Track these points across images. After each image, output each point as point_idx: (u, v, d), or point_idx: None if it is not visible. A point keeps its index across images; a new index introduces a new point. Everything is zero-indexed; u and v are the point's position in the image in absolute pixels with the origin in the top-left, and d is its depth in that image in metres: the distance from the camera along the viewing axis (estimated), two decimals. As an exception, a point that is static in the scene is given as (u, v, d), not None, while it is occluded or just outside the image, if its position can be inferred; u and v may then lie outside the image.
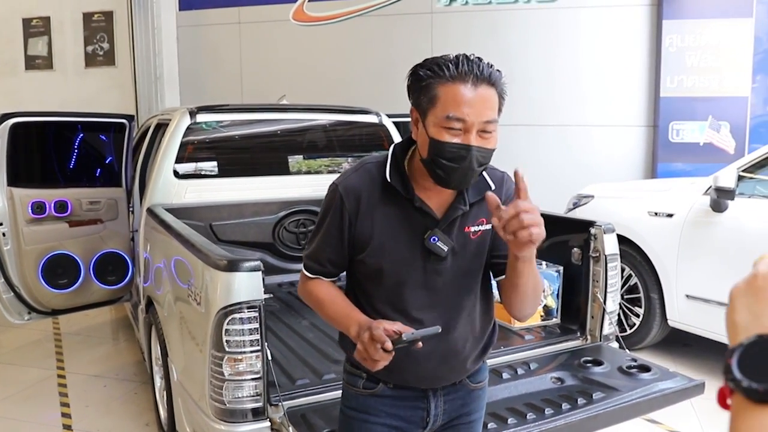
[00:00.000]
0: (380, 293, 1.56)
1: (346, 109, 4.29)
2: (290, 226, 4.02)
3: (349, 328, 1.48)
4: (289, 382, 2.47)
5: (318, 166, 4.23)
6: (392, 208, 1.53)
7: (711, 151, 6.81)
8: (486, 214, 1.57)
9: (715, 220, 4.07)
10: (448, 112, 1.40)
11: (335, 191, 1.55)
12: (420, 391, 1.62)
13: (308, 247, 1.65)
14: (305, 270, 1.65)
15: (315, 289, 1.62)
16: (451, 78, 1.41)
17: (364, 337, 1.38)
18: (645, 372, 2.59)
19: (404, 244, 1.52)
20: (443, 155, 1.42)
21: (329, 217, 1.56)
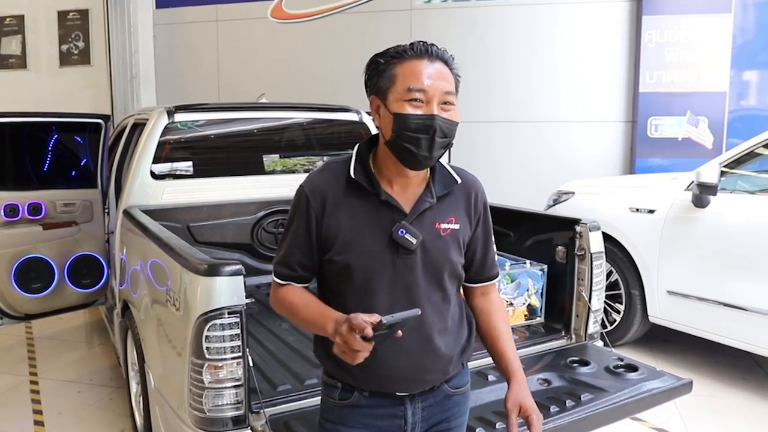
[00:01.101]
0: (351, 292, 1.53)
1: (326, 108, 4.23)
2: (269, 226, 3.96)
3: (325, 326, 1.43)
4: (270, 388, 2.41)
5: (293, 165, 4.17)
6: (358, 204, 1.52)
7: (689, 146, 6.84)
8: (456, 213, 1.59)
9: (696, 216, 4.07)
10: (408, 85, 1.44)
11: (301, 193, 1.55)
12: (396, 398, 1.58)
13: (277, 253, 1.62)
14: (276, 277, 1.62)
15: (287, 295, 1.59)
16: (409, 57, 1.47)
17: (342, 329, 1.34)
18: (632, 372, 2.57)
19: (371, 238, 1.51)
20: (408, 127, 1.44)
21: (296, 220, 1.56)
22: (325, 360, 1.61)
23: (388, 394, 1.57)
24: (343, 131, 4.33)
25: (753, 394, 3.97)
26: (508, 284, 3.09)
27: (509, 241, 3.34)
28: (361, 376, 1.55)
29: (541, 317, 3.16)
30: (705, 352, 4.48)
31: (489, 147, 7.09)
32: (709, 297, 3.99)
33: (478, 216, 1.64)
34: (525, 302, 3.08)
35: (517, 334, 3.00)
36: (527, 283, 3.10)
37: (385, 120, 1.48)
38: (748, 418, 3.67)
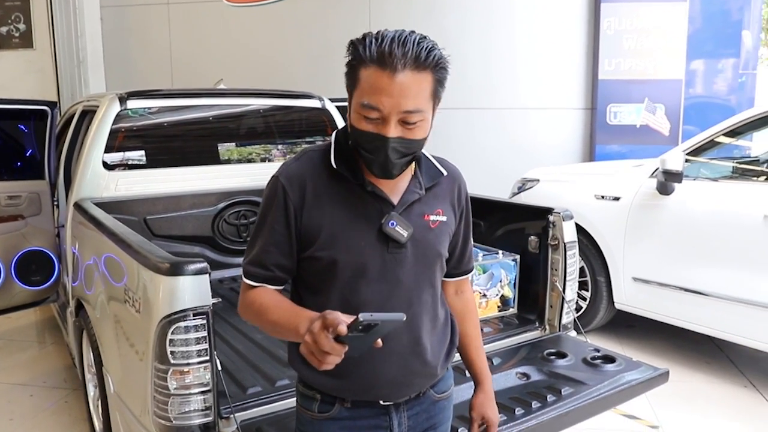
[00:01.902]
0: (334, 291, 1.39)
1: (287, 94, 4.09)
2: (230, 218, 3.80)
3: (298, 327, 1.25)
4: (239, 391, 2.28)
5: (254, 154, 4.01)
6: (341, 195, 1.39)
7: (647, 133, 6.91)
8: (443, 205, 1.49)
9: (661, 203, 4.08)
10: (363, 100, 1.28)
11: (276, 183, 1.40)
12: (381, 407, 1.46)
13: (249, 252, 1.45)
14: (248, 279, 1.44)
15: (258, 297, 1.41)
16: (371, 60, 1.27)
17: (314, 326, 1.16)
18: (610, 363, 2.53)
19: (359, 231, 1.38)
20: (360, 144, 1.33)
21: (272, 213, 1.40)
22: (302, 368, 1.46)
23: (373, 404, 1.46)
24: (306, 118, 4.20)
25: (717, 378, 4.02)
26: (480, 275, 3.02)
27: (480, 231, 3.27)
28: (345, 382, 1.41)
29: (514, 308, 3.10)
30: (668, 337, 4.52)
31: (449, 134, 7.03)
32: (673, 283, 4.02)
33: (461, 209, 1.56)
34: (498, 293, 3.02)
35: (491, 326, 2.94)
36: (500, 274, 3.04)
37: (349, 124, 1.36)
38: (715, 402, 3.71)
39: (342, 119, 4.16)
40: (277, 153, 4.07)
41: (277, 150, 4.08)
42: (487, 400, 1.63)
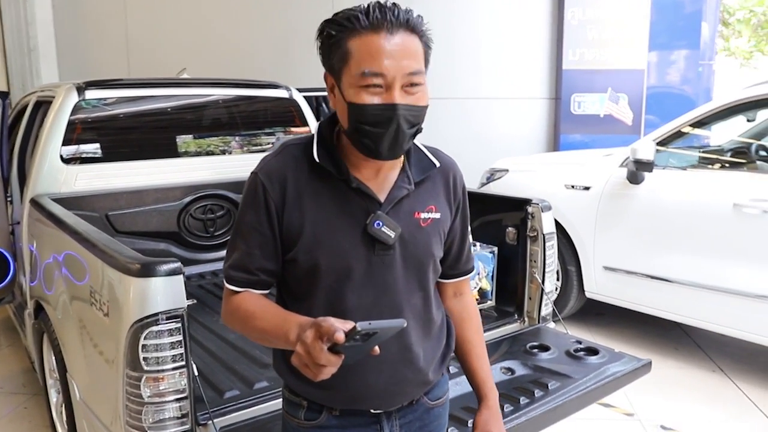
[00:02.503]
0: (318, 297, 1.31)
1: (254, 84, 3.96)
2: (197, 212, 3.67)
3: (288, 333, 1.16)
4: (216, 395, 2.18)
5: (214, 146, 3.87)
6: (324, 192, 1.30)
7: (610, 122, 6.97)
8: (435, 201, 1.39)
9: (631, 193, 4.09)
10: (363, 68, 1.19)
11: (255, 180, 1.31)
12: (371, 416, 1.38)
13: (230, 255, 1.35)
14: (230, 284, 1.34)
15: (243, 303, 1.31)
16: (362, 28, 1.19)
17: (307, 335, 1.07)
18: (593, 355, 2.51)
19: (343, 232, 1.29)
20: (365, 120, 1.21)
21: (252, 213, 1.30)
22: (287, 374, 1.38)
23: (362, 412, 1.38)
24: (273, 109, 4.08)
25: (686, 363, 4.06)
26: (458, 268, 2.96)
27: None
28: (332, 392, 1.33)
29: (492, 301, 3.06)
30: (637, 325, 4.56)
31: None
32: (643, 271, 4.04)
33: (458, 203, 1.45)
34: (476, 286, 2.97)
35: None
36: (477, 266, 2.98)
37: (339, 106, 1.25)
38: (686, 386, 3.75)
39: (311, 110, 4.07)
40: (235, 145, 3.93)
41: (236, 142, 3.96)
42: (492, 418, 1.49)
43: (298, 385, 1.37)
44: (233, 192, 3.71)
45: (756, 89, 3.85)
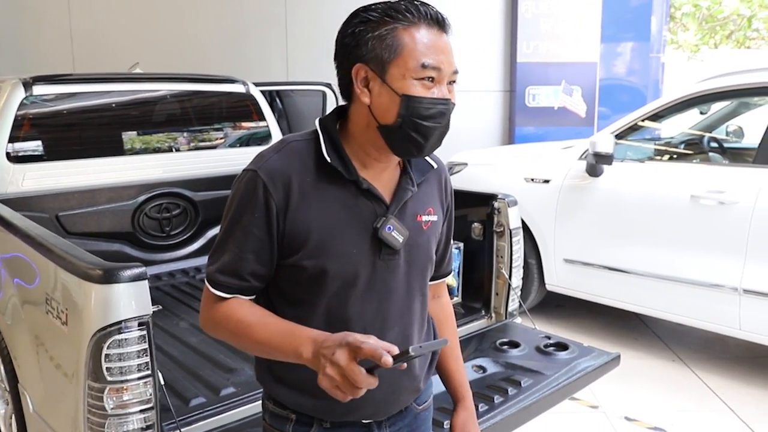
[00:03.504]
0: (319, 303, 1.23)
1: (210, 78, 3.84)
2: (152, 211, 3.54)
3: (298, 349, 1.10)
4: (182, 404, 2.09)
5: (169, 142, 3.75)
6: (331, 194, 1.22)
7: (564, 114, 7.04)
8: (433, 203, 1.36)
9: (591, 185, 4.12)
10: (422, 60, 1.17)
11: (255, 179, 1.19)
12: (362, 425, 1.33)
13: (217, 258, 1.24)
14: (215, 289, 1.24)
15: (234, 312, 1.22)
16: (418, 22, 1.19)
17: (339, 357, 1.01)
18: (563, 350, 2.51)
19: (351, 236, 1.22)
20: (421, 114, 1.18)
21: (248, 214, 1.20)
22: (273, 385, 1.31)
23: (354, 423, 1.32)
24: (230, 104, 3.97)
25: (646, 353, 4.13)
26: (425, 265, 2.93)
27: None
28: (325, 404, 1.23)
29: (458, 297, 3.03)
30: (596, 316, 4.61)
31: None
32: (603, 263, 4.09)
33: (448, 204, 1.43)
34: (443, 283, 2.94)
35: (438, 317, 2.85)
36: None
37: (383, 99, 1.19)
38: (648, 377, 3.81)
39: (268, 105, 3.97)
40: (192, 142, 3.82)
41: (192, 138, 3.84)
42: (470, 419, 1.49)
43: (286, 395, 1.30)
44: (190, 190, 3.60)
45: (709, 83, 3.92)
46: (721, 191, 3.55)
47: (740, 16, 15.43)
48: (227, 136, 3.94)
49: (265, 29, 6.74)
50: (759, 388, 3.63)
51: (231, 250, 1.23)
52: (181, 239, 3.63)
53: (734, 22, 15.72)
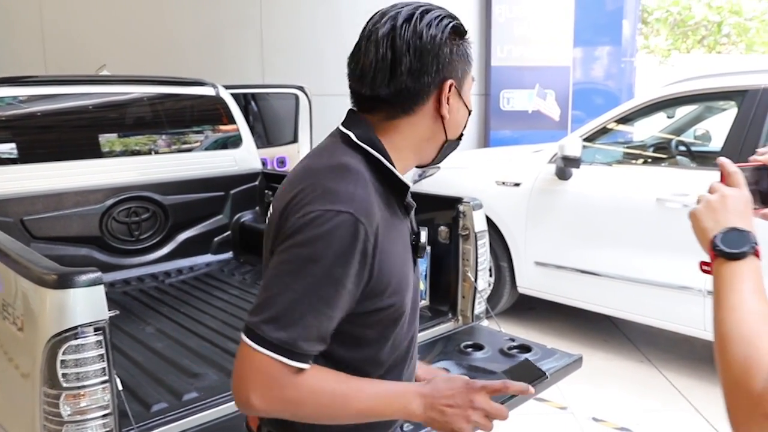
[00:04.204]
0: (387, 341, 1.14)
1: (178, 81, 3.82)
2: (120, 215, 3.51)
3: (408, 408, 1.06)
4: (143, 409, 2.08)
5: (143, 145, 3.73)
6: (392, 221, 1.12)
7: (538, 118, 7.10)
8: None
9: (560, 188, 4.16)
10: (472, 76, 1.23)
11: (355, 225, 1.00)
12: None
13: (292, 322, 0.99)
14: (297, 361, 1.00)
15: (321, 384, 1.04)
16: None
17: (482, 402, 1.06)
18: (526, 352, 2.53)
19: (407, 260, 1.16)
20: (462, 126, 1.24)
21: (345, 267, 1.01)
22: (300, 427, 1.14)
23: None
24: (198, 107, 3.95)
25: (615, 355, 4.17)
26: (392, 269, 2.94)
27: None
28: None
29: (426, 300, 3.04)
30: (567, 318, 4.65)
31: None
32: (573, 266, 4.13)
33: None
34: (410, 286, 2.95)
35: (404, 321, 2.86)
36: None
37: (460, 115, 1.19)
38: (617, 378, 3.85)
39: (239, 108, 3.96)
40: (161, 144, 3.80)
41: (162, 141, 3.82)
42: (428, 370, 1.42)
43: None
44: (159, 194, 3.57)
45: (674, 87, 3.98)
46: (685, 194, 3.60)
47: (710, 22, 15.69)
48: (197, 139, 3.92)
49: (240, 31, 6.72)
50: (724, 388, 3.68)
51: (318, 311, 1.01)
52: (151, 243, 3.61)
53: (706, 27, 15.98)
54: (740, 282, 0.88)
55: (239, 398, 1.02)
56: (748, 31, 15.37)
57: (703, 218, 0.98)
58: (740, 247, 0.91)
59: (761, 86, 3.57)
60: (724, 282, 0.89)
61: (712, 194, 1.00)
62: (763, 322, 0.84)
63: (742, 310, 0.85)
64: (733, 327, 0.85)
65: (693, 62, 13.82)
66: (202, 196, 3.73)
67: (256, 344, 0.99)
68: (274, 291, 1.01)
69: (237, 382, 1.02)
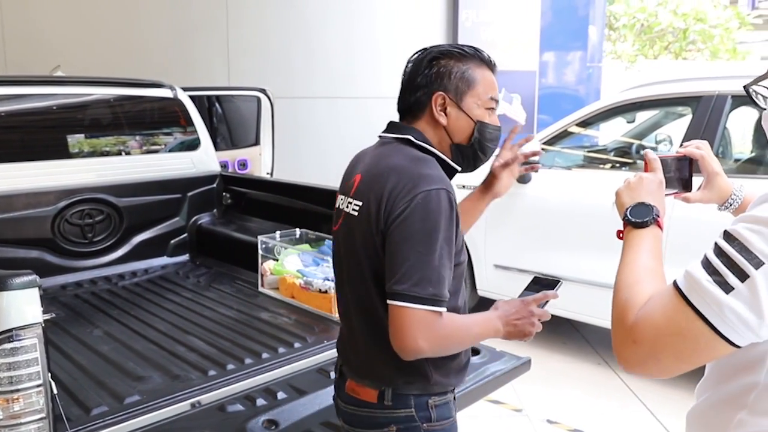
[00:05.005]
0: (459, 289, 1.52)
1: (134, 83, 3.77)
2: (73, 217, 3.46)
3: (497, 327, 1.46)
4: (82, 413, 2.05)
5: (97, 147, 3.67)
6: None
7: (505, 122, 7.05)
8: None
9: (520, 192, 4.19)
10: (490, 94, 1.51)
11: (449, 197, 1.37)
12: None
13: (436, 278, 1.33)
14: (440, 307, 1.34)
15: (452, 321, 1.40)
16: (485, 61, 1.53)
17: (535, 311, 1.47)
18: (474, 355, 2.53)
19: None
20: (488, 137, 1.53)
21: (451, 230, 1.37)
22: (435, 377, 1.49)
23: None
24: (156, 109, 3.91)
25: (574, 357, 4.22)
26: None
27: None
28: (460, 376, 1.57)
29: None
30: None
31: (315, 124, 6.91)
32: (532, 269, 4.15)
33: None
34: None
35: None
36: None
37: (461, 123, 1.49)
38: (573, 380, 3.89)
39: (197, 110, 3.93)
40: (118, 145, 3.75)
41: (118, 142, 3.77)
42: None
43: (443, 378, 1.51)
44: (114, 196, 3.53)
45: (631, 92, 4.04)
46: (640, 198, 3.65)
47: (676, 29, 15.96)
48: (153, 141, 3.88)
49: (206, 32, 6.67)
50: (677, 389, 3.74)
51: (446, 267, 1.35)
52: (105, 246, 3.56)
53: (672, 34, 16.25)
54: (639, 244, 1.08)
55: (409, 349, 1.33)
56: (712, 38, 15.65)
57: (622, 195, 1.20)
58: (644, 217, 1.11)
59: (715, 92, 3.64)
60: (629, 244, 1.10)
61: (633, 178, 1.22)
62: (647, 273, 1.03)
63: (634, 264, 1.05)
64: (623, 276, 1.05)
65: (658, 68, 14.03)
66: (158, 198, 3.69)
67: (413, 303, 1.31)
68: (412, 260, 1.32)
69: (401, 336, 1.32)
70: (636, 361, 0.97)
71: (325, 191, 3.34)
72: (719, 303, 0.86)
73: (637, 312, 0.97)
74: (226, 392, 2.20)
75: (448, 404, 1.53)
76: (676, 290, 0.92)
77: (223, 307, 3.02)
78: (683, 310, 0.90)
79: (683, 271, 0.92)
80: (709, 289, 0.88)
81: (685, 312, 0.90)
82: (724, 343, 0.88)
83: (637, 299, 0.98)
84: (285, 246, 3.22)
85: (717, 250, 0.90)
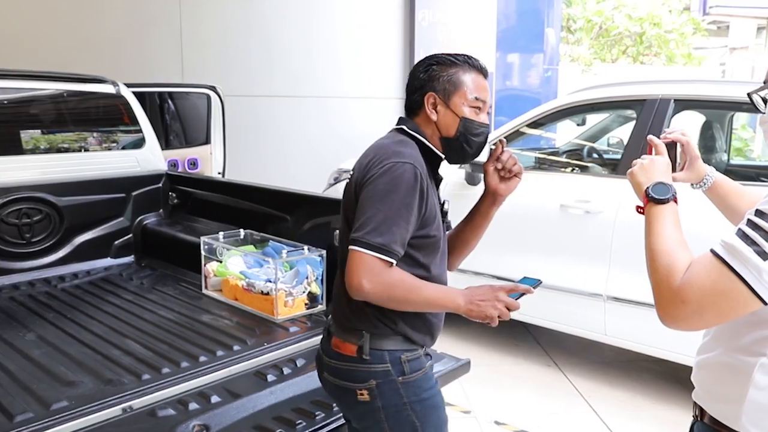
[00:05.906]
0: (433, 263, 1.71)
1: (74, 77, 3.65)
2: (9, 217, 3.34)
3: (456, 301, 1.60)
4: (5, 419, 1.97)
5: (22, 145, 3.55)
6: (431, 184, 1.70)
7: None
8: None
9: (470, 194, 4.18)
10: (476, 95, 1.70)
11: (413, 170, 1.59)
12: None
13: (387, 231, 1.55)
14: (387, 256, 1.55)
15: (404, 275, 1.59)
16: (474, 69, 1.72)
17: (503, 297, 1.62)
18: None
19: (440, 220, 1.73)
20: (472, 132, 1.71)
21: (412, 196, 1.58)
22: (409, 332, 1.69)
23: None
24: (100, 105, 3.80)
25: (525, 359, 4.23)
26: (286, 272, 2.89)
27: (286, 226, 3.14)
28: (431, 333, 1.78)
29: (322, 305, 3.00)
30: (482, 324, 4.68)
31: (274, 123, 6.84)
32: (486, 272, 4.14)
33: None
34: (305, 290, 2.90)
35: (298, 326, 2.80)
36: (306, 271, 2.92)
37: (446, 119, 1.71)
38: (523, 382, 3.90)
39: (141, 107, 3.83)
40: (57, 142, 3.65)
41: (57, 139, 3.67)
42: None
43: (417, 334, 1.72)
44: (53, 194, 3.42)
45: (579, 95, 4.07)
46: (587, 201, 3.68)
47: (632, 33, 16.25)
48: (95, 138, 3.78)
49: (158, 28, 6.53)
50: (623, 390, 3.78)
51: (401, 225, 1.56)
52: (44, 246, 3.45)
53: (630, 38, 16.53)
54: (663, 218, 1.25)
55: (354, 287, 1.55)
56: (668, 43, 15.95)
57: (638, 175, 1.37)
58: (665, 194, 1.29)
59: (658, 96, 3.68)
60: (654, 218, 1.27)
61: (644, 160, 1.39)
62: (676, 243, 1.20)
63: (664, 235, 1.22)
64: (657, 246, 1.21)
65: (614, 72, 14.25)
66: (100, 197, 3.59)
67: (364, 249, 1.53)
68: (369, 213, 1.56)
69: (350, 275, 1.55)
70: (682, 317, 1.14)
71: (271, 192, 3.29)
72: (758, 268, 1.05)
73: (681, 276, 1.13)
74: (158, 396, 2.15)
75: (419, 359, 1.72)
76: (717, 258, 1.10)
77: (164, 309, 2.96)
78: (726, 274, 1.08)
79: (720, 242, 1.10)
80: (749, 257, 1.06)
81: (729, 276, 1.08)
82: (758, 302, 1.07)
83: (678, 265, 1.15)
84: (228, 247, 3.17)
85: (752, 225, 1.08)
